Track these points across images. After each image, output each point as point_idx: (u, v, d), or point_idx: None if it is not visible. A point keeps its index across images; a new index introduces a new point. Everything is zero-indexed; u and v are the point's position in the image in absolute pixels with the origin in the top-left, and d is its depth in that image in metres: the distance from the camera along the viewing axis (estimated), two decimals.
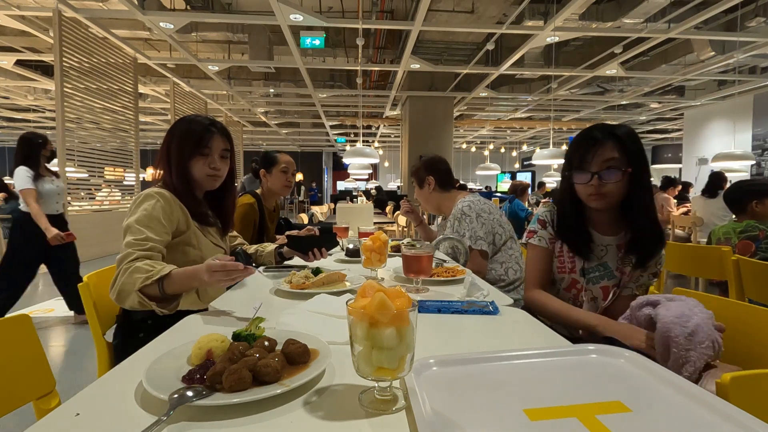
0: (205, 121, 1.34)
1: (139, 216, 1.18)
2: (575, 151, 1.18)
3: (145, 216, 1.18)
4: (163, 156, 1.32)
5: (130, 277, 1.05)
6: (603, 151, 1.13)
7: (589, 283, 1.27)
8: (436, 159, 2.09)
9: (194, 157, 1.31)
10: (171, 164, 1.30)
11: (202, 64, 6.93)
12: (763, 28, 5.44)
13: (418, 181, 2.09)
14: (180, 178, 1.30)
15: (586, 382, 0.64)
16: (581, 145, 1.17)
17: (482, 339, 0.88)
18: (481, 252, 1.79)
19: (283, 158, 2.20)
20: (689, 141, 10.37)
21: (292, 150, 19.43)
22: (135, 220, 1.17)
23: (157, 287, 1.04)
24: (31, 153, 3.03)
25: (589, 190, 1.16)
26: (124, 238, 1.16)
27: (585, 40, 6.77)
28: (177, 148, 1.30)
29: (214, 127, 1.34)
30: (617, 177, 1.13)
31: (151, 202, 1.21)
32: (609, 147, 1.13)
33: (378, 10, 5.76)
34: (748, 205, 2.31)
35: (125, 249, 1.12)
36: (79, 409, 0.58)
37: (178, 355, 0.71)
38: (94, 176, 6.20)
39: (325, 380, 0.67)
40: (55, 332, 3.18)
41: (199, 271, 1.01)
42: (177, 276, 1.05)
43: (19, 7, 5.13)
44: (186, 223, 1.28)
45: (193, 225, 1.30)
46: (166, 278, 1.05)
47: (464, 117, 11.86)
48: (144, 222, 1.17)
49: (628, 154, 1.13)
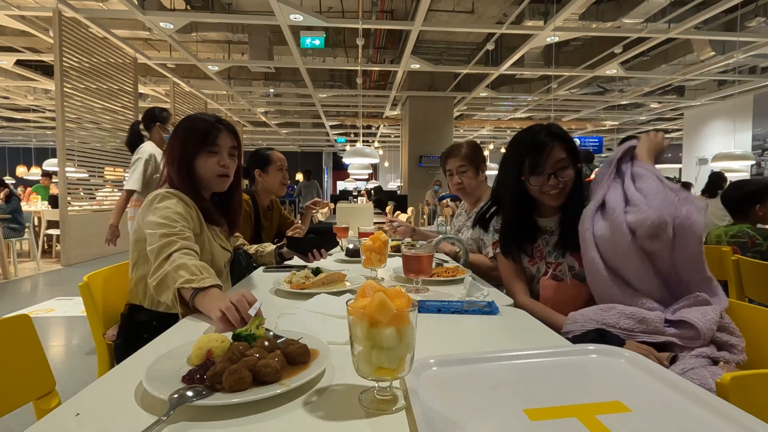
0: (210, 118, 1.31)
1: (165, 213, 1.15)
2: (526, 155, 1.23)
3: (171, 212, 1.15)
4: (168, 157, 1.29)
5: (176, 272, 1.01)
6: (555, 153, 1.21)
7: (561, 258, 1.27)
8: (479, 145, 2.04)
9: (200, 155, 1.27)
10: (176, 164, 1.26)
11: (202, 64, 6.94)
12: (763, 28, 5.44)
13: (475, 168, 1.97)
14: (185, 176, 1.26)
15: (586, 382, 0.64)
16: (532, 150, 1.22)
17: (482, 339, 0.88)
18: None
19: (276, 156, 2.19)
20: (689, 141, 10.38)
21: (292, 150, 19.44)
22: (161, 216, 1.14)
23: (189, 294, 0.99)
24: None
25: (546, 189, 1.24)
26: (150, 232, 1.12)
27: (585, 40, 6.77)
28: (181, 146, 1.27)
29: (221, 123, 1.31)
30: (570, 175, 1.23)
31: (172, 201, 1.19)
32: (557, 149, 1.21)
33: (378, 10, 5.77)
34: (750, 209, 2.21)
35: (161, 239, 1.08)
36: (79, 409, 0.58)
37: (178, 355, 0.71)
38: (94, 176, 6.20)
39: (325, 380, 0.67)
40: (55, 332, 3.18)
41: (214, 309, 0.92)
42: (211, 295, 0.97)
43: (19, 7, 5.13)
44: (200, 226, 1.25)
45: (206, 228, 1.27)
46: (202, 291, 0.98)
47: (464, 117, 11.86)
48: (171, 217, 1.14)
49: (572, 152, 1.24)
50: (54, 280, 4.86)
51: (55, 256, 6.20)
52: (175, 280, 1.00)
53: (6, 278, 4.82)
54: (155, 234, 1.11)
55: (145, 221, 1.18)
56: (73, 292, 4.12)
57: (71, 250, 5.61)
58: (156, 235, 1.11)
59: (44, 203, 7.04)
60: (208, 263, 1.22)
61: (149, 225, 1.15)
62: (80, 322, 3.34)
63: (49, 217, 6.08)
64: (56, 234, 5.96)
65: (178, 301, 1.01)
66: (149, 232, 1.13)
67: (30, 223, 5.71)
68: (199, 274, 1.01)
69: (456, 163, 1.97)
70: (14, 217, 5.20)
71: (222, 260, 1.34)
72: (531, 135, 1.25)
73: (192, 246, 1.12)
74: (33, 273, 5.19)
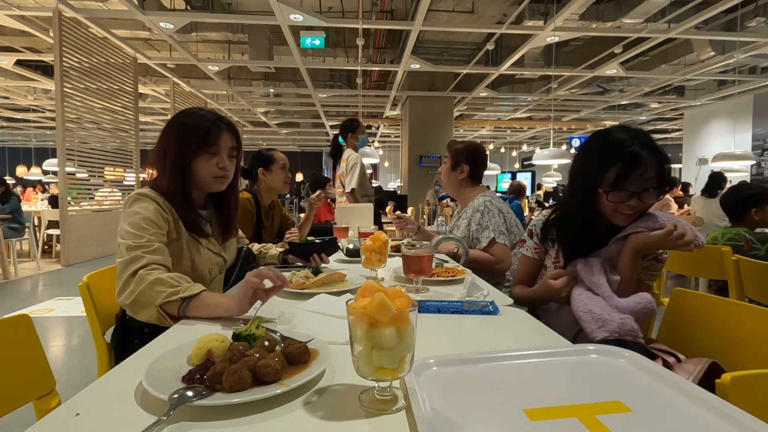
0: (211, 115, 1.20)
1: (133, 220, 1.08)
2: (612, 165, 1.04)
3: (140, 219, 1.08)
4: (160, 154, 1.18)
5: (151, 288, 0.95)
6: (646, 171, 1.03)
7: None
8: (481, 152, 2.04)
9: (199, 155, 1.17)
10: (168, 163, 1.16)
11: (202, 64, 6.94)
12: (763, 28, 5.44)
13: (453, 162, 2.01)
14: (177, 179, 1.16)
15: (586, 382, 0.64)
16: (621, 160, 1.04)
17: (482, 339, 0.88)
18: (505, 246, 1.82)
19: (279, 155, 2.22)
20: (689, 141, 10.37)
21: (292, 150, 19.43)
22: (130, 224, 1.07)
23: (178, 306, 0.95)
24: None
25: (622, 209, 1.07)
26: (120, 242, 1.06)
27: (585, 40, 6.77)
28: (177, 144, 1.16)
29: (222, 122, 1.21)
30: (655, 198, 1.06)
31: (143, 204, 1.11)
32: (651, 166, 1.04)
33: (378, 10, 5.77)
34: (746, 213, 2.19)
35: (127, 252, 1.02)
36: (79, 409, 0.58)
37: (178, 355, 0.71)
38: (94, 176, 6.20)
39: (325, 380, 0.67)
40: (55, 332, 3.18)
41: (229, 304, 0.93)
42: (204, 299, 0.95)
43: (19, 7, 5.13)
44: (177, 230, 1.16)
45: (184, 232, 1.18)
46: (194, 298, 0.95)
47: (464, 117, 11.86)
48: (140, 225, 1.07)
49: (663, 172, 1.06)
50: (54, 280, 4.86)
51: (55, 256, 6.20)
52: (155, 297, 0.95)
53: (6, 278, 4.82)
54: (121, 245, 1.04)
55: (119, 230, 1.10)
56: (73, 292, 4.12)
57: (71, 250, 5.61)
58: (123, 246, 1.04)
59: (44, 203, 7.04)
60: (188, 269, 1.17)
61: (120, 233, 1.08)
62: (80, 322, 3.34)
63: (49, 217, 6.08)
64: (56, 234, 5.96)
65: (166, 317, 0.96)
66: (118, 241, 1.07)
67: (30, 223, 5.71)
68: (179, 284, 0.97)
69: (445, 154, 2.07)
70: (14, 217, 5.20)
71: (206, 266, 1.24)
72: (620, 144, 1.05)
73: (160, 261, 1.03)
74: (33, 273, 5.18)
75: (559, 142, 15.09)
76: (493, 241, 1.81)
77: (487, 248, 1.82)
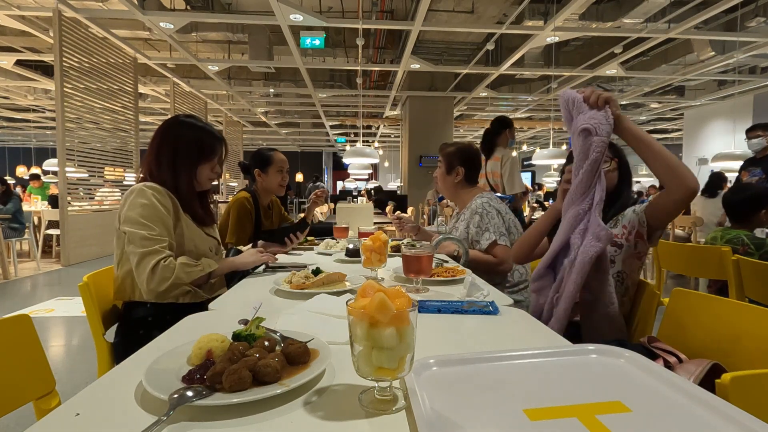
0: (218, 134, 1.47)
1: (143, 211, 1.25)
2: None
3: (150, 210, 1.25)
4: (165, 157, 1.36)
5: (182, 271, 1.24)
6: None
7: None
8: (473, 152, 2.03)
9: (202, 164, 1.42)
10: (177, 167, 1.37)
11: (202, 64, 6.94)
12: (763, 28, 5.44)
13: (448, 166, 2.01)
14: (188, 182, 1.39)
15: (586, 382, 0.64)
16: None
17: (482, 339, 0.88)
18: (506, 247, 1.81)
19: (277, 157, 2.19)
20: (689, 141, 10.37)
21: (292, 150, 19.43)
22: (139, 215, 1.24)
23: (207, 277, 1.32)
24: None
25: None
26: (128, 229, 1.23)
27: (585, 40, 6.77)
28: (187, 154, 1.39)
29: (221, 137, 1.49)
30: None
31: (151, 195, 1.28)
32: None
33: (378, 10, 5.76)
34: (753, 214, 2.17)
35: (145, 244, 1.22)
36: (79, 409, 0.58)
37: (178, 355, 0.71)
38: (94, 176, 6.20)
39: (325, 380, 0.67)
40: (55, 332, 3.18)
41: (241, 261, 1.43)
42: (220, 269, 1.38)
43: (19, 7, 5.13)
44: (176, 215, 1.34)
45: (183, 216, 1.37)
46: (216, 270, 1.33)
47: (464, 117, 11.86)
48: (151, 217, 1.25)
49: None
50: (54, 280, 4.86)
51: (55, 256, 6.19)
52: (189, 276, 1.25)
53: (6, 278, 4.82)
54: (135, 234, 1.23)
55: (125, 217, 1.26)
56: (73, 292, 4.12)
57: (71, 250, 5.61)
58: (137, 237, 1.23)
59: (44, 203, 7.04)
60: (192, 251, 1.37)
61: (129, 220, 1.24)
62: (80, 322, 3.34)
63: (49, 217, 6.08)
64: (56, 234, 5.96)
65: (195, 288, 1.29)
66: (129, 230, 1.24)
67: (30, 223, 5.71)
68: (199, 263, 1.30)
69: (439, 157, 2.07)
70: (15, 217, 5.20)
71: (206, 245, 1.44)
72: None
73: (172, 253, 1.28)
74: (33, 273, 5.18)
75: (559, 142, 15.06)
76: (495, 243, 1.80)
77: (488, 250, 1.81)
